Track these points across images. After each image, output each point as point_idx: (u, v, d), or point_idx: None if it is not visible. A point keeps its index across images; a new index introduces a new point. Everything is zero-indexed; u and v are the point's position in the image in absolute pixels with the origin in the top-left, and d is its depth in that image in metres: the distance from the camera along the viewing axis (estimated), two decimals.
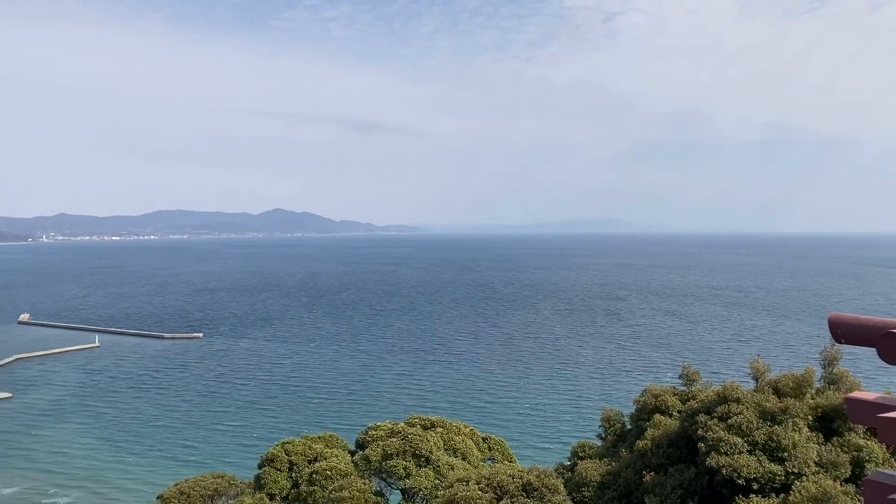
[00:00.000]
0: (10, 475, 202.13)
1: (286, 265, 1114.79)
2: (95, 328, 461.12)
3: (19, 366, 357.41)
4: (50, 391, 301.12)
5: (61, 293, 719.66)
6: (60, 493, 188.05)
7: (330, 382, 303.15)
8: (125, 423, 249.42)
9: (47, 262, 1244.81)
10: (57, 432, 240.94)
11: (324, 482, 44.42)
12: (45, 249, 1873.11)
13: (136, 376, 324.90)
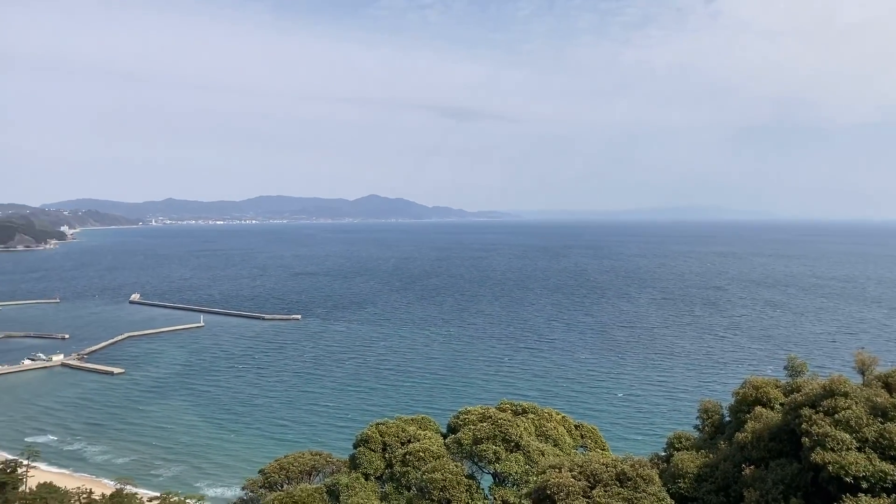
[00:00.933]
0: (123, 446, 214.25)
1: (380, 250, 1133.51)
2: (200, 308, 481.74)
3: (130, 343, 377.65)
4: (157, 368, 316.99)
5: (169, 275, 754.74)
6: (166, 466, 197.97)
7: (421, 366, 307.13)
8: (225, 401, 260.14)
9: (156, 245, 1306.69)
10: (162, 407, 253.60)
11: (417, 463, 45.10)
12: (154, 233, 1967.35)
13: (236, 356, 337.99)
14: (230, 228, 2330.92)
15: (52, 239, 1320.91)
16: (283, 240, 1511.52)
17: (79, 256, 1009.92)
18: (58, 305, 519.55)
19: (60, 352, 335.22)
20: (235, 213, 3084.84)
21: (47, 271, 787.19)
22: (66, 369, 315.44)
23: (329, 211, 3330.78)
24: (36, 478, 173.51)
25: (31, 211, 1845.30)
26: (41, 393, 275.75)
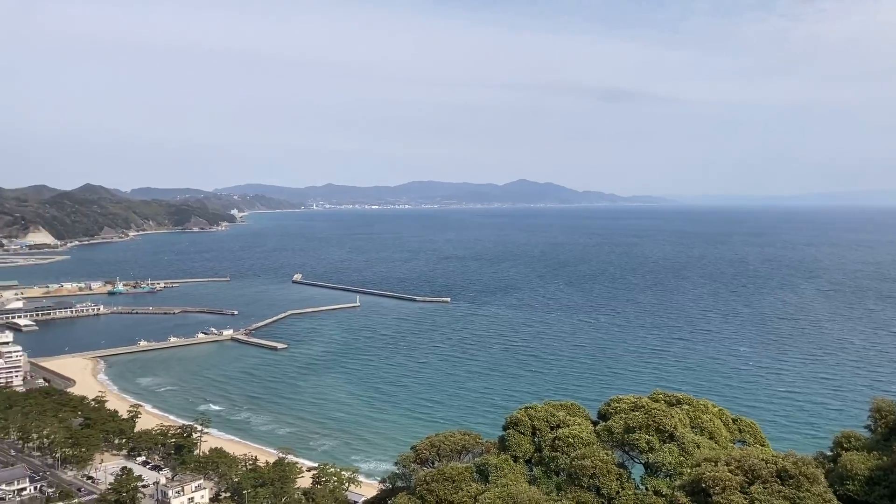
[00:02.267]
0: (284, 418, 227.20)
1: (529, 235, 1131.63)
2: (356, 289, 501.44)
3: (292, 320, 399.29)
4: (315, 345, 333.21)
5: (327, 257, 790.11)
6: (322, 439, 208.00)
7: (569, 352, 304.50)
8: (377, 380, 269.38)
9: (316, 228, 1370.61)
10: (319, 382, 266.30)
11: (566, 449, 44.94)
12: (314, 216, 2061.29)
13: (388, 336, 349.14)
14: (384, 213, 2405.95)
15: (223, 221, 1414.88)
16: (433, 224, 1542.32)
17: (246, 238, 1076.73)
18: (228, 284, 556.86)
19: (230, 327, 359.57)
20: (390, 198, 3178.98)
21: (218, 251, 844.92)
22: (234, 343, 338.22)
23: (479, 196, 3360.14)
24: (208, 443, 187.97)
25: (204, 195, 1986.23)
26: (212, 364, 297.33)
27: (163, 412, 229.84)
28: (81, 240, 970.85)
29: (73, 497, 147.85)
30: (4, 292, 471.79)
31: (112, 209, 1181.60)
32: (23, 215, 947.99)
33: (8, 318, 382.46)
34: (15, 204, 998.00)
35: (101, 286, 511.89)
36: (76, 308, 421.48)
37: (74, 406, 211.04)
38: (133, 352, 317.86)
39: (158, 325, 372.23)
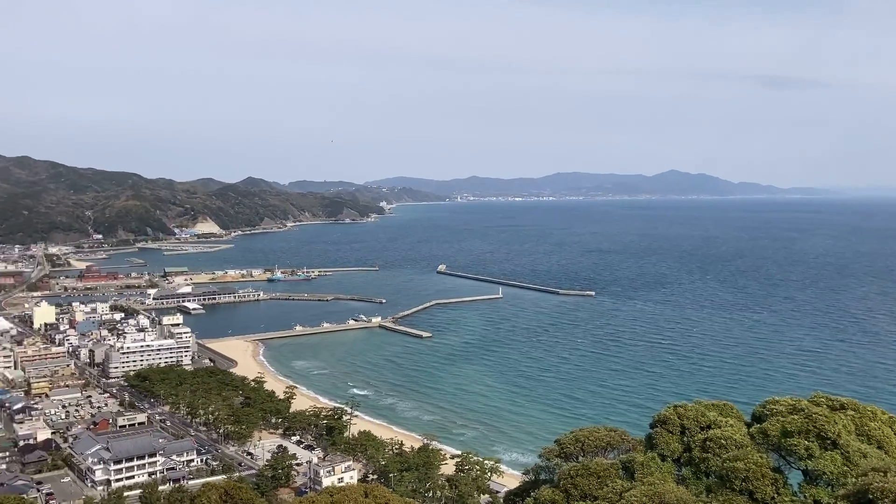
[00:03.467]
0: (428, 405, 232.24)
1: (678, 228, 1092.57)
2: (499, 280, 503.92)
3: (437, 310, 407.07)
4: (459, 335, 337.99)
5: (471, 248, 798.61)
6: (464, 428, 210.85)
7: (721, 351, 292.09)
8: (519, 371, 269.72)
9: (460, 220, 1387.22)
10: (462, 372, 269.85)
11: (717, 450, 43.23)
12: (458, 208, 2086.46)
13: (531, 328, 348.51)
14: (528, 205, 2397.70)
15: (373, 213, 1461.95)
16: (578, 216, 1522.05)
17: (394, 229, 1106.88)
18: (377, 273, 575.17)
19: (378, 314, 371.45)
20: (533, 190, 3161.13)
21: (368, 242, 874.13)
22: (382, 330, 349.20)
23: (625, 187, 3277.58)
24: (357, 426, 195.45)
25: (356, 188, 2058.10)
26: (361, 350, 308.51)
27: (315, 394, 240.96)
28: (244, 229, 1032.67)
29: (235, 471, 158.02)
30: (175, 278, 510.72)
31: (272, 201, 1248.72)
32: (192, 206, 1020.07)
33: (178, 302, 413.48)
34: (185, 196, 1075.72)
35: (261, 273, 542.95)
36: (238, 294, 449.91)
37: (236, 385, 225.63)
38: (289, 336, 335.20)
39: (312, 311, 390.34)
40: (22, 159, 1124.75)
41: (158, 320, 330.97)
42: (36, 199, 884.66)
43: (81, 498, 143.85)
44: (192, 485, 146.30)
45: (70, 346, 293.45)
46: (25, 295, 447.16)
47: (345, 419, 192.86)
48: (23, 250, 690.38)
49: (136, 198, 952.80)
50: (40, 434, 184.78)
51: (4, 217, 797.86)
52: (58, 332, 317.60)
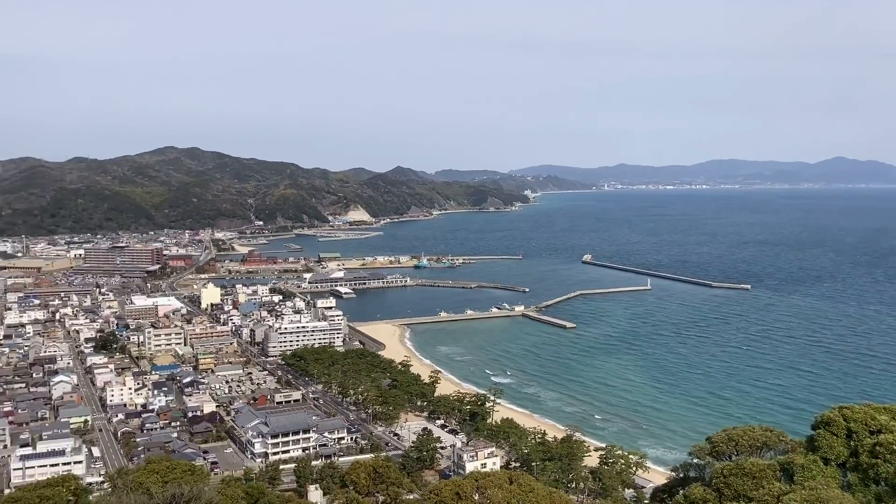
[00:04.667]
0: (571, 396, 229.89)
1: (844, 219, 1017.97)
2: (647, 272, 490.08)
3: (581, 300, 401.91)
4: (604, 326, 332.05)
5: (617, 238, 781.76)
6: (608, 420, 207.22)
7: (889, 352, 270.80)
8: (666, 366, 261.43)
9: (606, 209, 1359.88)
10: (607, 364, 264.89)
11: (889, 457, 40.07)
12: (605, 197, 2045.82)
13: (680, 322, 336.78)
14: (679, 193, 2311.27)
15: (517, 202, 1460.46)
16: (733, 206, 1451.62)
17: (537, 218, 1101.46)
18: (520, 262, 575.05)
19: (521, 303, 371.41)
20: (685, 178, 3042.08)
21: (511, 231, 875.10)
22: (525, 319, 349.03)
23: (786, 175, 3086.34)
24: (500, 413, 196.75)
25: (500, 177, 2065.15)
26: (504, 338, 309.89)
27: (459, 380, 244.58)
28: (392, 217, 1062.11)
29: (382, 450, 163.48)
30: (329, 263, 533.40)
31: (418, 190, 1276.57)
32: (345, 195, 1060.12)
33: (332, 287, 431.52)
34: (338, 185, 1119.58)
35: (408, 260, 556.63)
36: (387, 279, 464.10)
37: (384, 368, 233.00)
38: (434, 321, 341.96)
39: (456, 298, 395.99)
40: (192, 150, 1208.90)
41: (313, 303, 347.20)
42: (204, 187, 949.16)
43: (242, 468, 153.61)
44: (343, 461, 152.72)
45: (233, 325, 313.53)
46: (194, 277, 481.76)
47: (488, 406, 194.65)
48: (192, 235, 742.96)
49: (294, 186, 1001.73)
50: (206, 406, 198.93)
51: (177, 204, 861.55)
52: (222, 312, 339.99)
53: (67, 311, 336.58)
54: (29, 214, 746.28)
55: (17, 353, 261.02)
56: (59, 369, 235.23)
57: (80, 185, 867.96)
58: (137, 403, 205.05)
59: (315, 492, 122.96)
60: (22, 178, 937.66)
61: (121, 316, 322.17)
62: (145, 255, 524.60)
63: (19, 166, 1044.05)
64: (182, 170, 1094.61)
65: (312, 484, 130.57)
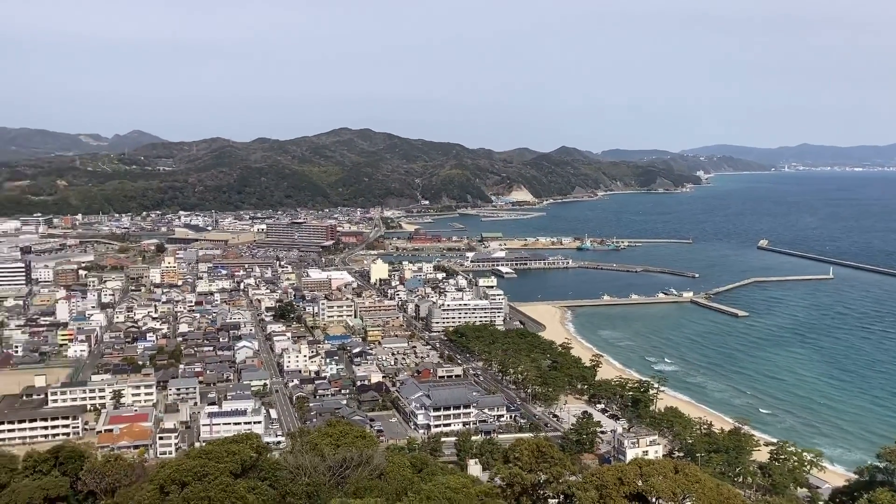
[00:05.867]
0: (740, 387, 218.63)
1: None
2: (829, 260, 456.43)
3: (755, 288, 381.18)
4: (779, 316, 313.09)
5: (796, 222, 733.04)
6: (780, 414, 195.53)
7: None
8: (846, 361, 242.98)
9: (786, 192, 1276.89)
10: (780, 356, 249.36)
11: None
12: (784, 179, 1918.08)
13: (866, 315, 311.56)
14: (869, 176, 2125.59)
15: (688, 183, 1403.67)
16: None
17: (709, 200, 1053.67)
18: (689, 246, 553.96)
19: (690, 289, 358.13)
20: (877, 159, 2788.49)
21: (680, 213, 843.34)
22: (693, 306, 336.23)
23: None
24: (663, 401, 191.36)
25: (671, 157, 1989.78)
26: (670, 325, 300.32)
27: (621, 365, 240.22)
28: (555, 198, 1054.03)
29: (541, 430, 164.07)
30: (491, 243, 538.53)
31: (583, 170, 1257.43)
32: (508, 175, 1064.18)
33: (493, 266, 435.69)
34: (502, 165, 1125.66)
35: (571, 241, 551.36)
36: (548, 260, 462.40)
37: (544, 349, 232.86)
38: (596, 305, 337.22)
39: (620, 282, 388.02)
40: (364, 132, 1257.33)
41: (475, 282, 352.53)
42: (375, 167, 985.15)
43: (405, 438, 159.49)
44: (502, 438, 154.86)
45: (399, 300, 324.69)
46: (364, 253, 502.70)
47: (651, 393, 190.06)
48: (363, 213, 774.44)
49: (459, 167, 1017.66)
50: (374, 376, 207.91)
51: (349, 183, 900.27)
52: (389, 287, 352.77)
53: (250, 282, 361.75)
54: (218, 191, 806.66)
55: (207, 319, 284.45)
56: (242, 335, 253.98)
57: (264, 165, 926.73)
58: (311, 370, 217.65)
59: (475, 466, 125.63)
60: (213, 158, 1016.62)
61: (298, 287, 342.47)
62: (321, 231, 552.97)
63: (211, 146, 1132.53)
64: (355, 150, 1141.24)
65: (472, 458, 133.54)
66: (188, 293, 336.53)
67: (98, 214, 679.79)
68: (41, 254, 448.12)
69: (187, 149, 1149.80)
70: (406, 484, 61.36)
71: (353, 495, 50.93)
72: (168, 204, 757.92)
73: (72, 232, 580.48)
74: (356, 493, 53.52)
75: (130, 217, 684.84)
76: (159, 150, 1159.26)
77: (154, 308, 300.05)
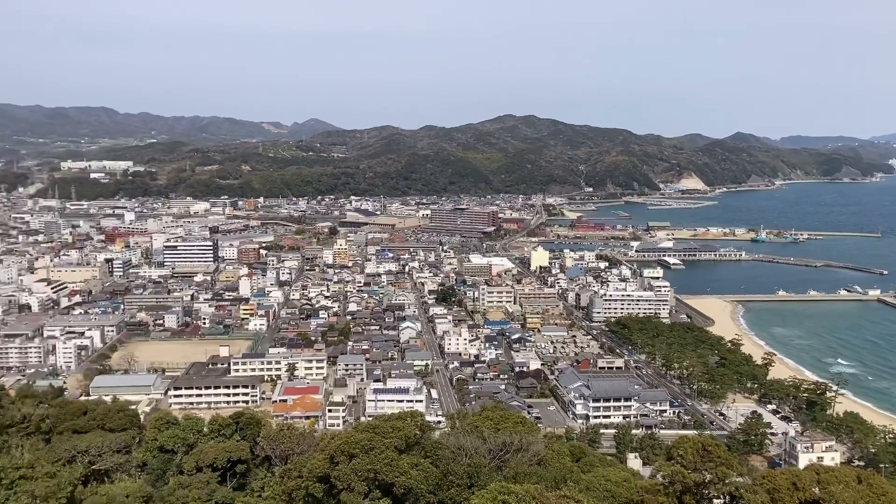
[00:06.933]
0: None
1: None
2: None
3: None
4: None
5: None
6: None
7: None
8: None
9: None
10: None
11: None
12: None
13: None
14: None
15: (878, 172, 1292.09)
16: None
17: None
18: (878, 240, 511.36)
19: (877, 286, 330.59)
20: None
21: (867, 205, 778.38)
22: (880, 305, 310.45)
23: None
24: (843, 405, 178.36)
25: (859, 143, 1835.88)
26: (852, 324, 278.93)
27: (796, 364, 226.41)
28: (728, 186, 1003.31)
29: (705, 428, 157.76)
30: (658, 232, 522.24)
31: (760, 157, 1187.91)
32: (678, 162, 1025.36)
33: (659, 256, 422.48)
34: (672, 152, 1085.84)
35: (745, 233, 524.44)
36: (719, 252, 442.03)
37: (712, 344, 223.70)
38: (770, 300, 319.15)
39: (797, 277, 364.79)
40: (528, 118, 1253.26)
41: (639, 272, 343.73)
42: (538, 154, 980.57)
43: (563, 427, 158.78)
44: (664, 434, 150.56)
45: (559, 288, 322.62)
46: (525, 240, 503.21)
47: (828, 395, 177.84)
48: (525, 200, 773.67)
49: (625, 153, 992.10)
50: (532, 363, 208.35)
51: (512, 170, 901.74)
52: (550, 274, 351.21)
53: (415, 265, 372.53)
54: (387, 177, 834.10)
55: (374, 299, 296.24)
56: (406, 316, 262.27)
57: (430, 151, 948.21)
58: (471, 353, 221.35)
59: (634, 460, 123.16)
60: (382, 145, 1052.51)
61: (459, 272, 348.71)
62: (482, 217, 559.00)
63: (381, 133, 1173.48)
64: (518, 137, 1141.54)
65: (632, 452, 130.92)
66: (357, 274, 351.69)
67: (278, 198, 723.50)
68: (227, 233, 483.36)
69: (359, 136, 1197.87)
70: (565, 473, 61.10)
71: (513, 479, 51.40)
72: (340, 189, 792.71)
73: (254, 214, 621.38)
74: (515, 477, 53.96)
75: (307, 201, 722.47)
76: (333, 137, 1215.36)
77: (326, 287, 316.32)
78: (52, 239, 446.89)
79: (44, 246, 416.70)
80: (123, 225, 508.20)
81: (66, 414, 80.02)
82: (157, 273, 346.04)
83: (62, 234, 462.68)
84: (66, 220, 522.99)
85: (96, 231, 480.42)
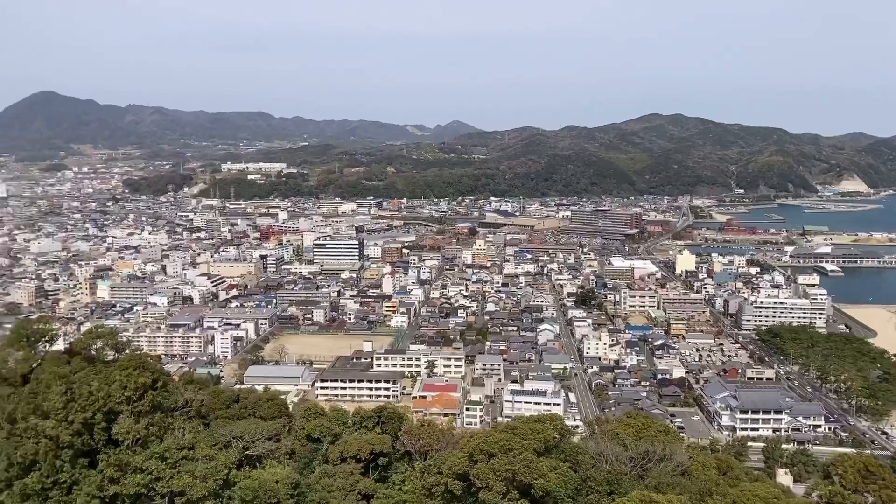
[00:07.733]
0: None
1: None
2: None
3: None
4: None
5: None
6: None
7: None
8: None
9: None
10: None
11: None
12: None
13: None
14: None
15: None
16: None
17: None
18: None
19: None
20: None
21: None
22: None
23: None
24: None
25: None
26: None
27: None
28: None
29: (866, 447, 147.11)
30: (814, 237, 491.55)
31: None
32: (837, 163, 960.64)
33: (816, 262, 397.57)
34: (831, 151, 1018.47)
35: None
36: (884, 259, 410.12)
37: (874, 357, 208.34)
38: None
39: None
40: (676, 117, 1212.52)
41: (793, 278, 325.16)
42: (685, 154, 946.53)
43: (708, 438, 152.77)
44: (818, 451, 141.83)
45: (706, 294, 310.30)
46: (670, 243, 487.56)
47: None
48: (671, 201, 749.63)
49: (780, 153, 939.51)
50: (675, 371, 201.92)
51: (657, 170, 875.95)
52: (696, 279, 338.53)
53: (553, 267, 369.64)
54: (527, 178, 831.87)
55: (512, 300, 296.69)
56: (544, 318, 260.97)
57: (570, 152, 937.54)
58: (611, 358, 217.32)
59: (785, 476, 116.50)
60: (523, 146, 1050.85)
61: (599, 275, 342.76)
62: (625, 219, 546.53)
63: (521, 134, 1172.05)
64: (664, 136, 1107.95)
65: (782, 468, 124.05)
66: (496, 274, 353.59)
67: (420, 199, 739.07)
68: (372, 233, 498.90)
69: (499, 137, 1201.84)
70: (710, 485, 58.90)
71: (655, 489, 50.21)
72: (480, 190, 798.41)
73: (397, 214, 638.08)
74: (658, 487, 52.64)
75: (447, 202, 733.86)
76: (475, 139, 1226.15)
77: (465, 287, 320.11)
78: (212, 236, 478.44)
79: (205, 242, 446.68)
80: (277, 224, 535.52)
81: (219, 401, 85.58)
82: (307, 270, 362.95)
83: (222, 232, 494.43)
84: (225, 219, 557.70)
85: (252, 229, 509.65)
